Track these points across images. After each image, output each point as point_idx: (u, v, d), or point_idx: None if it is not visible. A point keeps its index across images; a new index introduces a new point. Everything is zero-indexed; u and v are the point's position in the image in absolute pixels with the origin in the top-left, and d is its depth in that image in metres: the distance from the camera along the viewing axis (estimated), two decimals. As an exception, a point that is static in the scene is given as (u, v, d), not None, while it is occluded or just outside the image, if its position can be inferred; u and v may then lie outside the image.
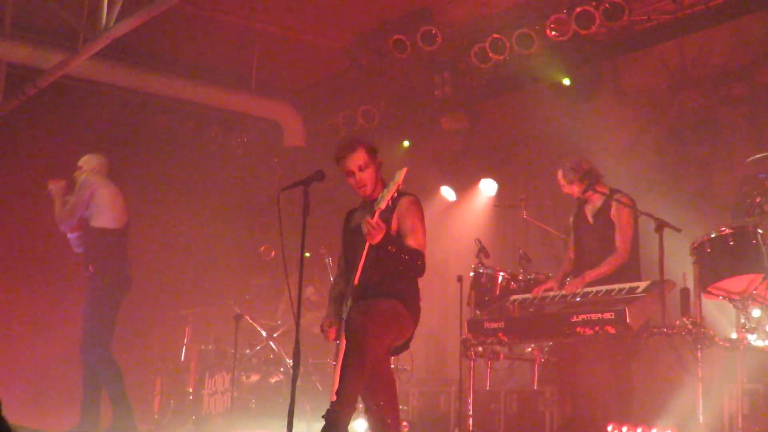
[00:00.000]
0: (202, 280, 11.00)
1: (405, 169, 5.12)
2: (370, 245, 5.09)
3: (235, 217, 11.31)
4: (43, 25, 9.48)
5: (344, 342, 5.09)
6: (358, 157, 5.42)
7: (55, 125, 10.19)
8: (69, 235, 7.44)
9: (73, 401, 7.31)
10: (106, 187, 7.40)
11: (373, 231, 5.02)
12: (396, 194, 5.15)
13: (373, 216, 5.07)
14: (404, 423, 7.74)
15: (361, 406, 5.31)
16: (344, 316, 5.22)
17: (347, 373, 5.02)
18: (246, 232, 11.24)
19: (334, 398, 5.00)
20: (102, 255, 7.15)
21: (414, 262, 5.24)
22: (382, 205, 5.08)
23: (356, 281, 5.15)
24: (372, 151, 5.47)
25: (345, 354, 5.06)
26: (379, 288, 5.22)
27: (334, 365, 5.20)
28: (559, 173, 7.00)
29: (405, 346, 5.52)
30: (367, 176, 5.43)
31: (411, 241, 5.28)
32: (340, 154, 5.47)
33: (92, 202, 7.29)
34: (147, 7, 7.66)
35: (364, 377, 5.02)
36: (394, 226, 5.30)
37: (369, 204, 5.49)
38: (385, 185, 5.46)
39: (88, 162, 7.59)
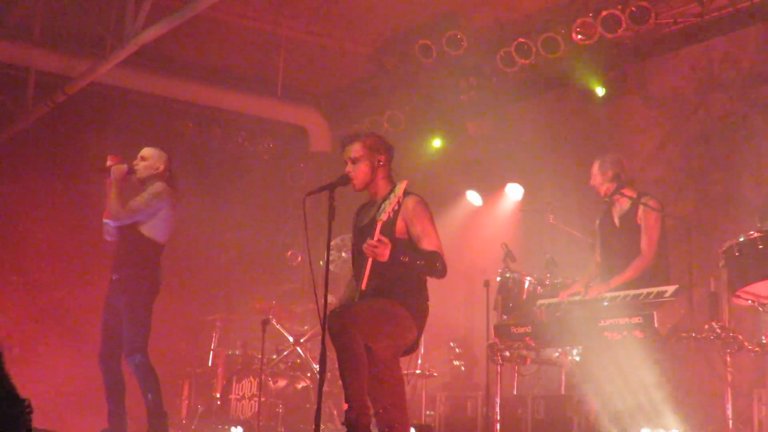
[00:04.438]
0: (229, 285, 11.04)
1: (405, 182, 5.15)
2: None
3: (261, 222, 11.36)
4: (71, 33, 9.56)
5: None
6: (353, 150, 5.45)
7: (84, 132, 10.27)
8: (107, 222, 7.06)
9: (100, 406, 7.33)
10: (174, 206, 7.10)
11: (377, 251, 5.01)
12: (401, 197, 5.15)
13: (374, 229, 5.06)
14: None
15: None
16: None
17: (342, 377, 5.05)
18: (273, 237, 11.29)
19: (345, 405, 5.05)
20: (141, 263, 6.99)
21: (432, 265, 5.18)
22: (384, 217, 5.06)
23: (363, 287, 5.14)
24: (371, 147, 5.46)
25: (339, 359, 5.07)
26: (380, 290, 5.20)
27: None
28: (596, 165, 6.94)
29: (411, 348, 5.47)
30: (358, 170, 5.44)
31: (425, 245, 5.22)
32: (342, 143, 5.54)
33: (156, 214, 7.00)
34: (174, 15, 7.71)
35: (359, 376, 5.00)
36: (400, 227, 5.26)
37: (372, 203, 5.50)
38: (390, 184, 5.46)
39: (158, 158, 7.16)
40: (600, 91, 8.98)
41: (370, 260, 5.08)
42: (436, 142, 10.77)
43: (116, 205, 6.92)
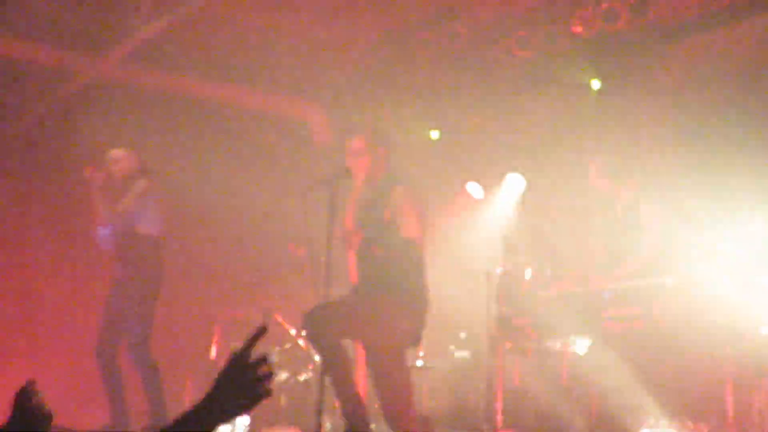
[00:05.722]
0: (231, 278, 11.05)
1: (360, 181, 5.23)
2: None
3: (263, 215, 11.35)
4: (72, 28, 9.56)
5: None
6: (355, 143, 5.51)
7: (85, 128, 10.26)
8: (101, 229, 7.26)
9: (101, 401, 7.35)
10: (160, 198, 7.32)
11: (347, 240, 5.06)
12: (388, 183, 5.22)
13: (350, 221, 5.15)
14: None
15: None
16: None
17: (331, 378, 5.11)
18: (274, 230, 11.28)
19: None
20: (143, 260, 7.07)
21: (405, 254, 5.21)
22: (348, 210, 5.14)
23: (352, 280, 5.19)
24: (373, 141, 5.50)
25: (321, 361, 5.14)
26: (373, 285, 5.23)
27: None
28: (592, 166, 6.99)
29: (412, 341, 5.48)
30: (359, 163, 5.47)
31: (404, 232, 5.26)
32: (344, 136, 5.60)
33: (146, 211, 7.17)
34: (174, 10, 7.72)
35: (342, 371, 5.06)
36: (387, 217, 5.30)
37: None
38: (388, 176, 5.49)
39: (128, 158, 7.40)
40: (596, 84, 9.00)
41: (349, 252, 5.14)
42: (434, 134, 10.79)
43: (107, 210, 7.08)
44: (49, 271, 10.20)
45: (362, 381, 5.38)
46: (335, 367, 5.06)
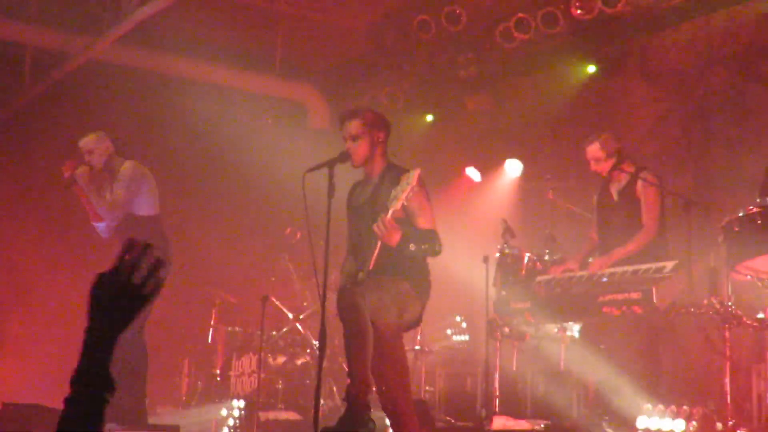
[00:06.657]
0: (229, 262, 11.03)
1: (418, 171, 5.07)
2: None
3: (260, 199, 11.33)
4: (67, 10, 9.50)
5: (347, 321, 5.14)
6: (353, 126, 5.44)
7: (81, 109, 10.22)
8: (98, 223, 7.14)
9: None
10: (150, 176, 7.11)
11: (387, 233, 5.00)
12: (414, 186, 5.14)
13: (377, 210, 5.08)
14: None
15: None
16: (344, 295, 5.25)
17: (348, 353, 5.08)
18: (271, 213, 11.26)
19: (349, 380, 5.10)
20: (150, 241, 6.99)
21: (433, 247, 5.24)
22: (397, 206, 5.04)
23: (371, 266, 5.13)
24: (371, 124, 5.45)
25: (346, 335, 5.11)
26: (387, 268, 5.21)
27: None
28: (596, 145, 6.88)
29: (414, 323, 5.50)
30: (358, 147, 5.43)
31: (422, 222, 5.25)
32: (340, 119, 5.54)
33: (140, 191, 6.99)
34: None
35: (364, 352, 5.04)
36: (400, 207, 5.27)
37: (367, 181, 5.51)
38: (385, 161, 5.46)
39: (101, 141, 7.04)
40: (591, 68, 8.99)
41: (377, 249, 5.07)
42: (429, 118, 10.78)
43: (104, 203, 6.93)
44: (43, 260, 10.16)
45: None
46: (359, 346, 5.04)
